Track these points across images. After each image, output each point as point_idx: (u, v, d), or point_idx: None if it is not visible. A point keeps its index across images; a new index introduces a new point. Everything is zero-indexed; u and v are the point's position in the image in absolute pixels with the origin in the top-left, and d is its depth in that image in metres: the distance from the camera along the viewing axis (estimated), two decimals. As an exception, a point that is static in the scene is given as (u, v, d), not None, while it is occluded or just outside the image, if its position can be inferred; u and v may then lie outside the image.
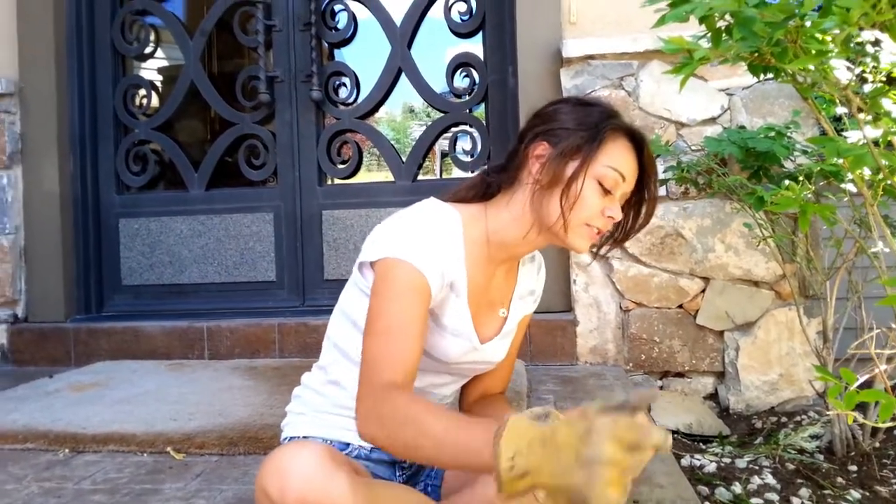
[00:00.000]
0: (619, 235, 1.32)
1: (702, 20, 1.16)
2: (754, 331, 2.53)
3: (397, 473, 1.37)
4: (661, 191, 2.55)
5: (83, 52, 3.21)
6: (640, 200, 1.29)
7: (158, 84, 3.60)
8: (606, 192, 1.21)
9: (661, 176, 2.43)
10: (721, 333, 2.57)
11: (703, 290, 2.57)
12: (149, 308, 3.21)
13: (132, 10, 3.28)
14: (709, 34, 1.23)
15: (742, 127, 2.42)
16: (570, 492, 0.80)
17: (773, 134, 2.16)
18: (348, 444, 1.31)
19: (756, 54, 1.14)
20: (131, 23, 3.30)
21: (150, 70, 3.81)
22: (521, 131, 1.31)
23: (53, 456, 1.85)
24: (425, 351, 1.22)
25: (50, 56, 3.09)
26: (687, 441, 2.26)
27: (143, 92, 3.33)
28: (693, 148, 2.52)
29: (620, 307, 2.64)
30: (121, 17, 3.27)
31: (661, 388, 2.62)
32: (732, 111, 2.55)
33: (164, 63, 3.89)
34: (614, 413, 0.81)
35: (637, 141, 1.25)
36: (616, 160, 1.21)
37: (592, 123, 1.22)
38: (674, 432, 2.29)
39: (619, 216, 1.22)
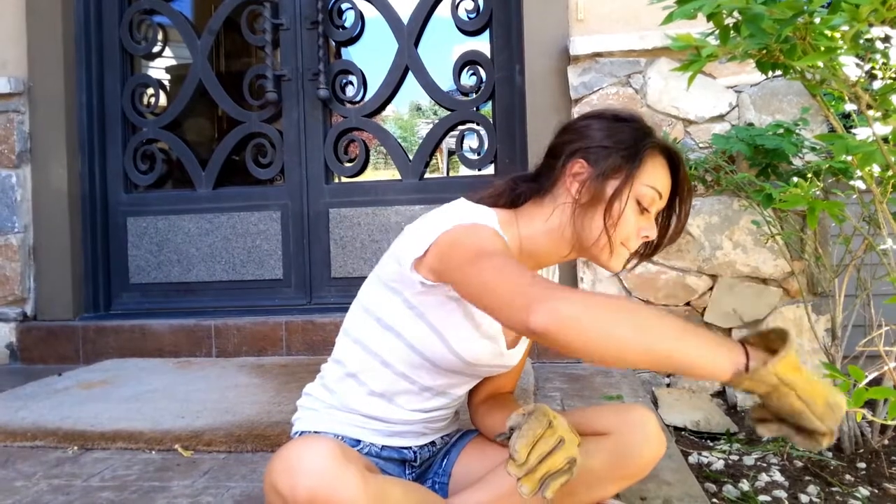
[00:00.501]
0: (647, 251, 1.34)
1: (710, 17, 1.15)
2: (762, 328, 2.51)
3: (407, 471, 1.38)
4: (669, 188, 2.54)
5: (91, 51, 3.22)
6: (669, 215, 1.31)
7: (166, 83, 3.61)
8: (643, 210, 1.23)
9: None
10: (729, 331, 2.56)
11: (711, 288, 2.56)
12: (156, 306, 3.23)
13: (140, 10, 3.29)
14: (717, 31, 1.23)
15: (750, 124, 2.41)
16: (813, 414, 0.97)
17: (781, 131, 2.15)
18: (359, 441, 1.32)
19: (764, 51, 1.13)
20: (139, 22, 3.31)
21: (157, 69, 3.82)
22: (553, 145, 1.30)
23: (62, 453, 1.86)
24: (456, 352, 1.24)
25: (58, 55, 3.10)
26: (694, 438, 2.25)
27: (151, 91, 3.34)
28: (701, 145, 2.52)
29: (628, 305, 2.62)
30: (129, 17, 3.28)
31: (669, 385, 2.61)
32: (741, 108, 2.55)
33: (172, 62, 3.90)
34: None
35: (673, 159, 1.26)
36: (654, 179, 1.23)
37: (630, 142, 1.22)
38: (681, 429, 2.28)
39: (653, 236, 1.25)
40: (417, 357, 1.26)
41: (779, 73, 1.31)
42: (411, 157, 3.11)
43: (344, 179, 3.21)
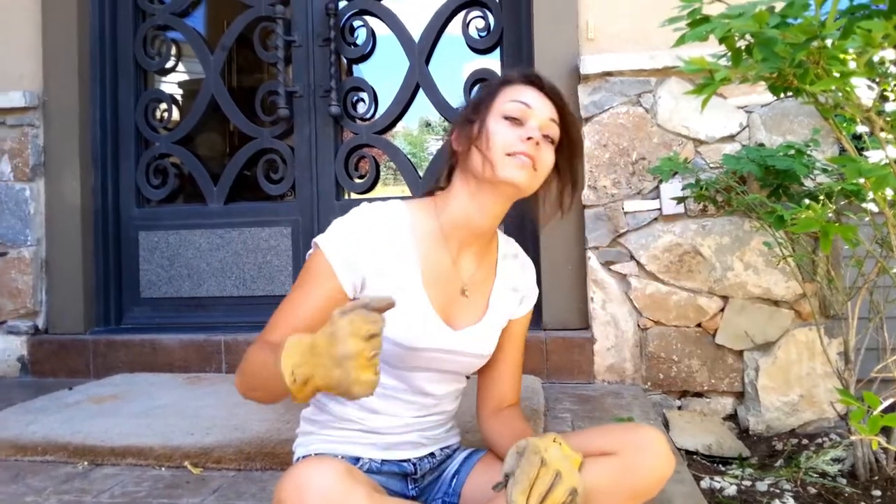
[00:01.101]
0: (566, 179, 1.40)
1: (721, 40, 1.16)
2: (774, 351, 2.50)
3: (410, 487, 1.39)
4: (679, 208, 2.54)
5: (106, 66, 3.25)
6: (569, 140, 1.36)
7: (179, 98, 3.64)
8: (517, 122, 1.29)
9: (679, 193, 2.43)
10: (740, 353, 2.54)
11: (723, 309, 2.55)
12: (167, 321, 3.23)
13: (154, 25, 3.32)
14: (728, 53, 1.23)
15: (761, 144, 2.41)
16: (337, 387, 0.97)
17: (792, 152, 2.15)
18: (358, 459, 1.33)
19: (777, 75, 1.13)
20: (153, 37, 3.34)
21: (170, 84, 3.85)
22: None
23: (73, 468, 1.86)
24: (389, 338, 1.28)
25: (73, 70, 3.13)
26: (706, 462, 2.23)
27: (164, 106, 3.36)
28: (711, 165, 2.51)
29: (638, 325, 2.62)
30: (143, 32, 3.31)
31: (680, 408, 2.60)
32: (751, 129, 2.54)
33: (185, 77, 3.93)
34: (352, 312, 0.97)
35: (533, 80, 1.34)
36: (515, 94, 1.31)
37: (489, 87, 1.36)
38: (693, 453, 2.26)
39: (537, 134, 1.27)
40: None
41: (790, 94, 1.31)
42: (421, 174, 3.12)
43: (354, 195, 3.22)
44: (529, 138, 1.26)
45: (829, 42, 1.10)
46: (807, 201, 1.98)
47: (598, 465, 1.26)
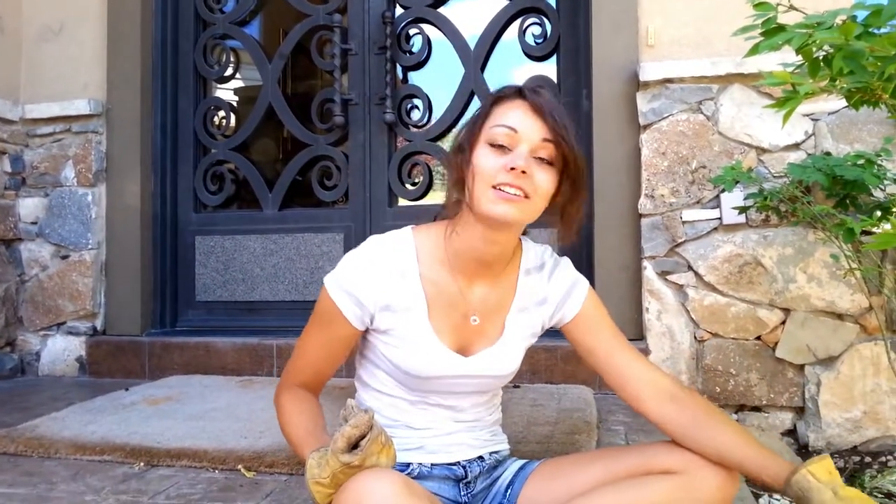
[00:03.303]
0: (561, 201, 1.28)
1: (798, 50, 1.11)
2: (837, 365, 2.42)
3: (462, 491, 1.38)
4: (740, 218, 2.47)
5: (167, 75, 3.32)
6: (562, 157, 1.24)
7: (236, 105, 3.69)
8: (504, 150, 1.21)
9: (741, 203, 2.37)
10: (801, 367, 2.46)
11: (783, 322, 2.47)
12: (220, 324, 3.28)
13: (214, 35, 3.38)
14: (801, 63, 1.18)
15: (827, 153, 2.33)
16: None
17: (862, 161, 2.07)
18: (409, 465, 1.34)
19: (862, 88, 1.08)
20: (213, 46, 3.40)
21: (227, 91, 3.91)
22: None
23: (129, 469, 1.88)
24: (401, 368, 1.30)
25: (136, 78, 3.21)
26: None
27: (222, 113, 3.41)
28: (775, 174, 2.44)
29: (695, 337, 2.56)
30: (203, 41, 3.38)
31: (737, 422, 2.53)
32: (817, 137, 2.47)
33: (241, 84, 3.99)
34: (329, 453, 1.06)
35: (524, 94, 1.24)
36: (501, 119, 1.23)
37: (479, 110, 1.29)
38: (751, 469, 2.19)
39: (521, 163, 1.18)
40: (391, 379, 1.35)
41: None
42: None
43: (407, 202, 3.22)
44: (513, 168, 1.18)
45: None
46: (878, 213, 1.91)
47: (660, 483, 1.23)
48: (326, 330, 1.32)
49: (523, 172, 1.18)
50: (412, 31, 3.16)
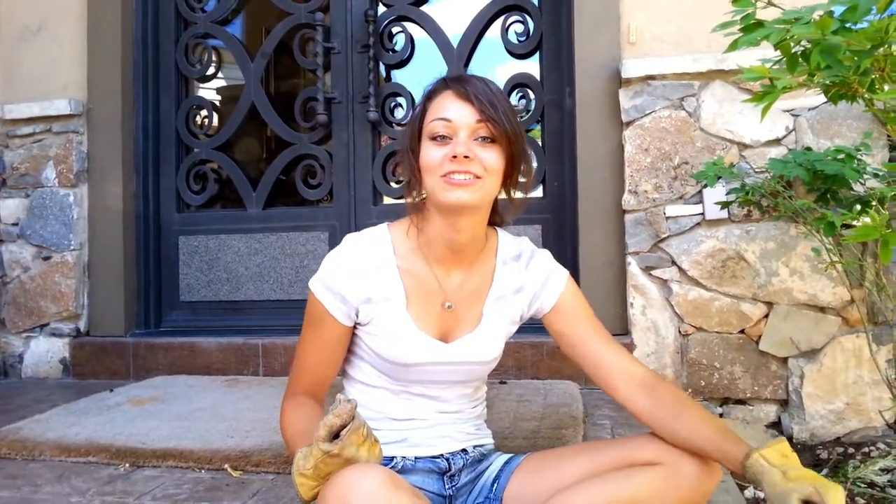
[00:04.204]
0: (512, 173, 1.34)
1: (776, 45, 1.12)
2: (820, 358, 2.44)
3: (446, 485, 1.40)
4: (723, 213, 2.49)
5: (148, 74, 3.30)
6: (501, 133, 1.29)
7: (218, 104, 3.67)
8: (446, 140, 1.27)
9: (723, 198, 2.38)
10: (785, 360, 2.49)
11: (767, 316, 2.49)
12: (205, 324, 3.26)
13: (196, 34, 3.36)
14: (782, 59, 1.19)
15: (808, 148, 2.35)
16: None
17: (842, 156, 2.09)
18: (392, 458, 1.36)
19: (840, 82, 1.10)
20: (195, 45, 3.38)
21: (210, 90, 3.89)
22: None
23: (115, 470, 1.88)
24: (383, 357, 1.34)
25: (117, 78, 3.19)
26: (749, 471, 2.18)
27: (204, 112, 3.40)
28: (757, 170, 2.46)
29: (679, 331, 2.58)
30: (185, 40, 3.36)
31: (722, 415, 2.55)
32: (798, 132, 2.49)
33: (223, 83, 3.97)
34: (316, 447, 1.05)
35: (449, 84, 1.31)
36: (437, 112, 1.29)
37: (415, 110, 1.36)
38: (735, 462, 2.21)
39: (462, 149, 1.24)
40: (375, 370, 1.39)
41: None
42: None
43: (391, 201, 3.22)
44: (455, 156, 1.24)
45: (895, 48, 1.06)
46: (857, 207, 1.93)
47: (644, 474, 1.25)
48: (318, 332, 1.36)
49: (466, 157, 1.24)
50: (395, 30, 3.15)
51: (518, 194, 1.39)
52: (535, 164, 1.41)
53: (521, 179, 1.37)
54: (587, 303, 1.46)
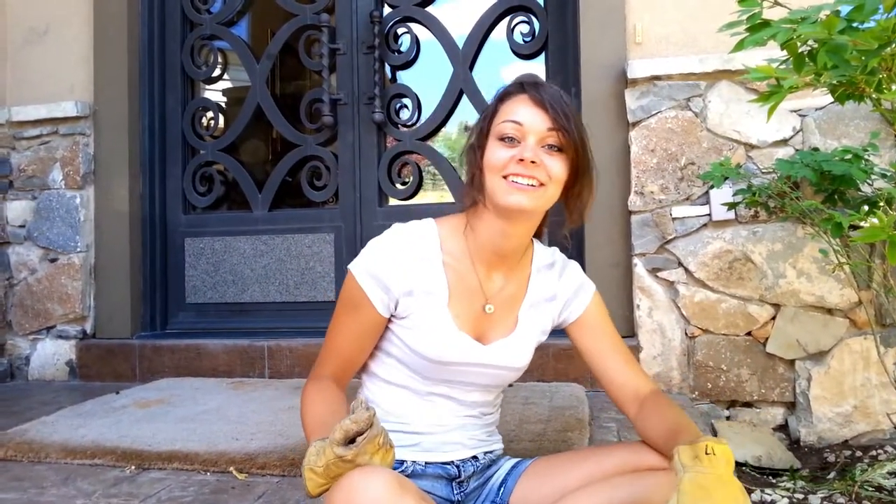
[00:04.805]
0: (573, 185, 1.35)
1: (783, 45, 1.12)
2: (827, 360, 2.43)
3: (455, 490, 1.40)
4: (730, 214, 2.48)
5: (154, 76, 3.31)
6: (569, 143, 1.30)
7: (224, 106, 3.68)
8: (514, 142, 1.28)
9: (730, 199, 2.37)
10: (792, 362, 2.47)
11: (774, 318, 2.48)
12: (211, 326, 3.26)
13: (202, 35, 3.37)
14: (787, 59, 1.19)
15: (815, 149, 2.34)
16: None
17: (849, 157, 2.08)
18: (402, 462, 1.35)
19: (846, 82, 1.09)
20: (200, 47, 3.39)
21: (215, 92, 3.90)
22: None
23: (120, 472, 1.88)
24: (418, 353, 1.33)
25: (123, 80, 3.19)
26: (756, 474, 2.17)
27: (210, 114, 3.40)
28: (763, 170, 2.45)
29: (686, 333, 2.57)
30: (191, 42, 3.36)
31: (728, 418, 2.53)
32: (805, 132, 2.48)
33: (229, 85, 3.98)
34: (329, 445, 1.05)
35: (526, 88, 1.32)
36: (508, 114, 1.30)
37: (489, 107, 1.36)
38: (742, 465, 2.21)
39: (530, 154, 1.25)
40: (403, 367, 1.37)
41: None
42: (465, 180, 3.10)
43: (397, 202, 3.22)
44: (522, 160, 1.25)
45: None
46: (865, 207, 1.91)
47: (649, 479, 1.24)
48: (352, 316, 1.34)
49: (533, 163, 1.25)
50: (400, 31, 3.15)
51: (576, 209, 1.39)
52: (597, 182, 1.40)
53: (582, 194, 1.37)
54: (610, 319, 1.50)
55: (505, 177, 1.27)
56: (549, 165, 1.27)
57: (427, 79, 3.25)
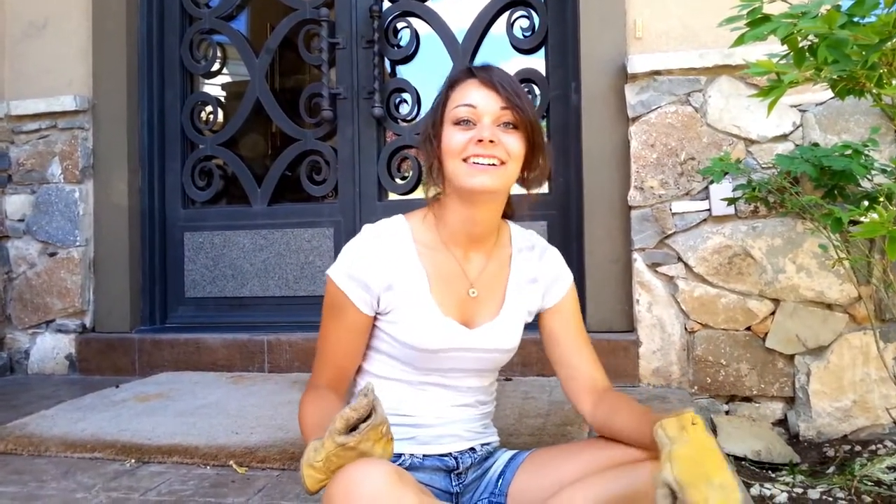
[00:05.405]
0: (531, 161, 1.37)
1: (783, 40, 1.11)
2: (827, 355, 2.43)
3: (453, 482, 1.41)
4: (729, 210, 2.48)
5: (153, 70, 3.30)
6: (522, 120, 1.32)
7: (223, 100, 3.67)
8: (469, 125, 1.30)
9: (729, 194, 2.37)
10: (791, 357, 2.47)
11: (773, 313, 2.48)
12: (211, 320, 3.27)
13: (200, 29, 3.36)
14: (787, 53, 1.18)
15: (815, 144, 2.34)
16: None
17: (849, 152, 2.08)
18: (400, 455, 1.36)
19: (847, 77, 1.09)
20: (199, 41, 3.38)
21: (214, 86, 3.89)
22: None
23: (120, 466, 1.88)
24: (406, 344, 1.34)
25: (122, 74, 3.18)
26: (755, 469, 2.18)
27: (209, 108, 3.40)
28: (763, 166, 2.45)
29: (685, 328, 2.57)
30: (190, 36, 3.35)
31: (728, 412, 2.54)
32: (805, 128, 2.47)
33: (228, 79, 3.97)
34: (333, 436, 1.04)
35: (475, 72, 1.34)
36: (459, 99, 1.32)
37: (439, 96, 1.39)
38: (741, 459, 2.21)
39: (488, 134, 1.27)
40: (394, 361, 1.39)
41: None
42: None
43: (396, 197, 3.21)
44: (481, 140, 1.27)
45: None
46: (865, 203, 1.91)
47: (644, 469, 1.24)
48: (338, 321, 1.36)
49: (491, 142, 1.28)
50: (400, 25, 3.15)
51: (535, 183, 1.42)
52: (552, 154, 1.42)
53: (541, 166, 1.40)
54: (580, 309, 1.54)
55: (465, 160, 1.29)
56: (507, 143, 1.30)
57: (427, 74, 3.24)
